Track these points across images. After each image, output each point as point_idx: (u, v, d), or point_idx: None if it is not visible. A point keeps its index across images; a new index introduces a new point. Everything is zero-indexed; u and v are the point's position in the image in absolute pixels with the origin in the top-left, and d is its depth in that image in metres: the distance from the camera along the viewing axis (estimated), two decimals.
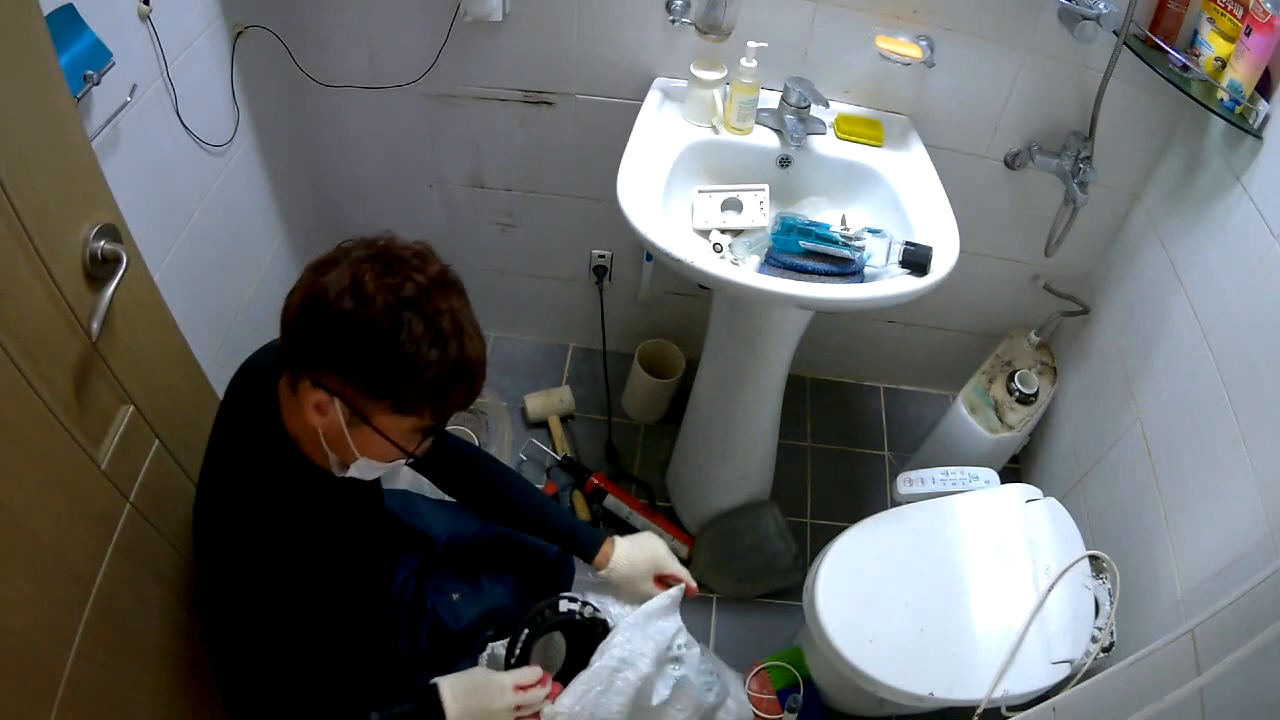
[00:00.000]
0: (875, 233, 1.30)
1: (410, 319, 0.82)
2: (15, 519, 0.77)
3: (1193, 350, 1.32)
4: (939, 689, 1.21)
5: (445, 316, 0.85)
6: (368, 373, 0.84)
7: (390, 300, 0.81)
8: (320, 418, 0.87)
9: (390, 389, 0.85)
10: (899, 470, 1.69)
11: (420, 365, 0.83)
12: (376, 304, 0.81)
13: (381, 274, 0.82)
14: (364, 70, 1.56)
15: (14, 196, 0.74)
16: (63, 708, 0.84)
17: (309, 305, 0.83)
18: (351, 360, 0.83)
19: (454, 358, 0.85)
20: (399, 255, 0.85)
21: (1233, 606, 0.84)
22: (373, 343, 0.82)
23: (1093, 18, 1.25)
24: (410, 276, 0.84)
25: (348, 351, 0.83)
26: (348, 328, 0.81)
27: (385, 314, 0.81)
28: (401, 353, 0.82)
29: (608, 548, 1.21)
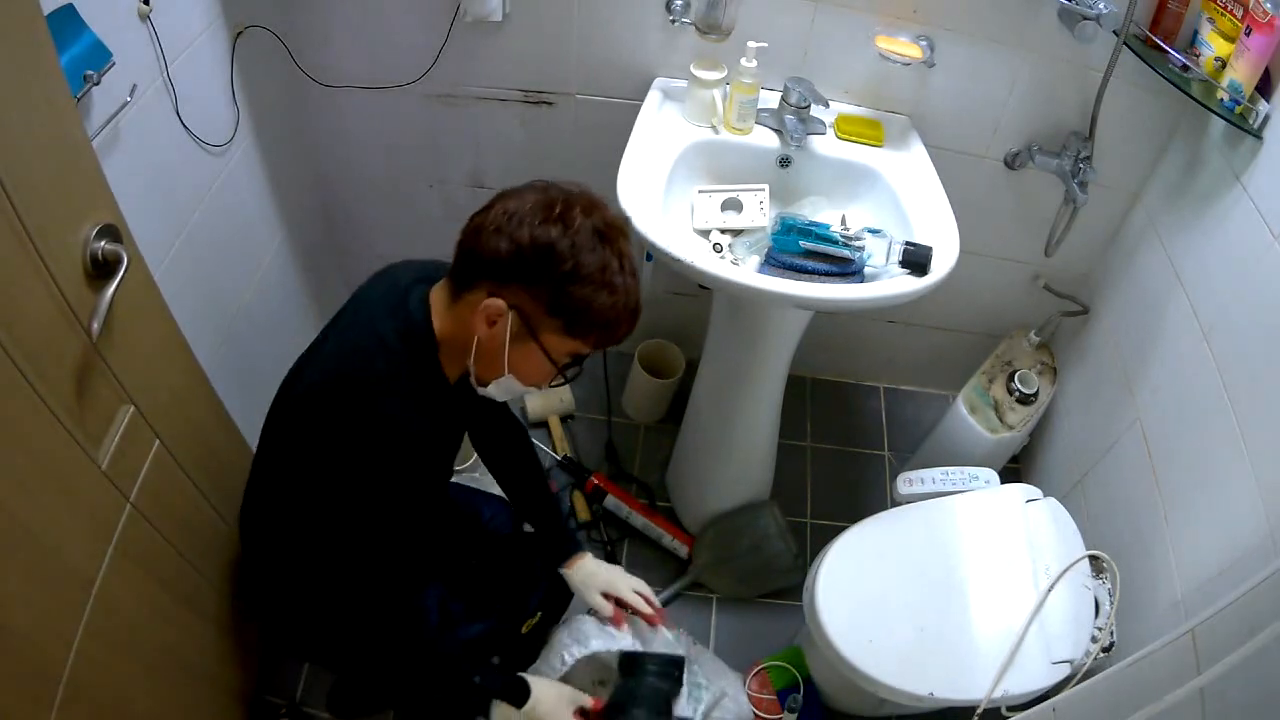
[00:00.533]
0: (875, 233, 1.30)
1: (606, 250, 0.91)
2: (15, 519, 0.77)
3: (1192, 350, 1.32)
4: (939, 689, 1.21)
5: (627, 258, 0.95)
6: (556, 290, 0.90)
7: (591, 230, 0.90)
8: (487, 328, 0.93)
9: (572, 309, 0.92)
10: (899, 470, 1.69)
11: (606, 292, 0.91)
12: (581, 231, 0.89)
13: (581, 207, 0.90)
14: (364, 70, 1.56)
15: (14, 196, 0.74)
16: (63, 708, 0.84)
17: (511, 220, 0.89)
18: (545, 276, 0.90)
19: (631, 294, 0.96)
20: (587, 197, 0.93)
21: (1233, 606, 0.84)
22: (572, 264, 0.89)
23: (1093, 18, 1.25)
24: (604, 215, 0.92)
25: (545, 267, 0.89)
26: (551, 245, 0.88)
27: (587, 240, 0.90)
28: (593, 278, 0.90)
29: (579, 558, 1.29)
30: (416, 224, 1.86)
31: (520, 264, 0.89)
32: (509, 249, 0.89)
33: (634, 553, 1.78)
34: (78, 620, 0.88)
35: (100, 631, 0.91)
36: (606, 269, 0.91)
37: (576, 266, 0.89)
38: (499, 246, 0.89)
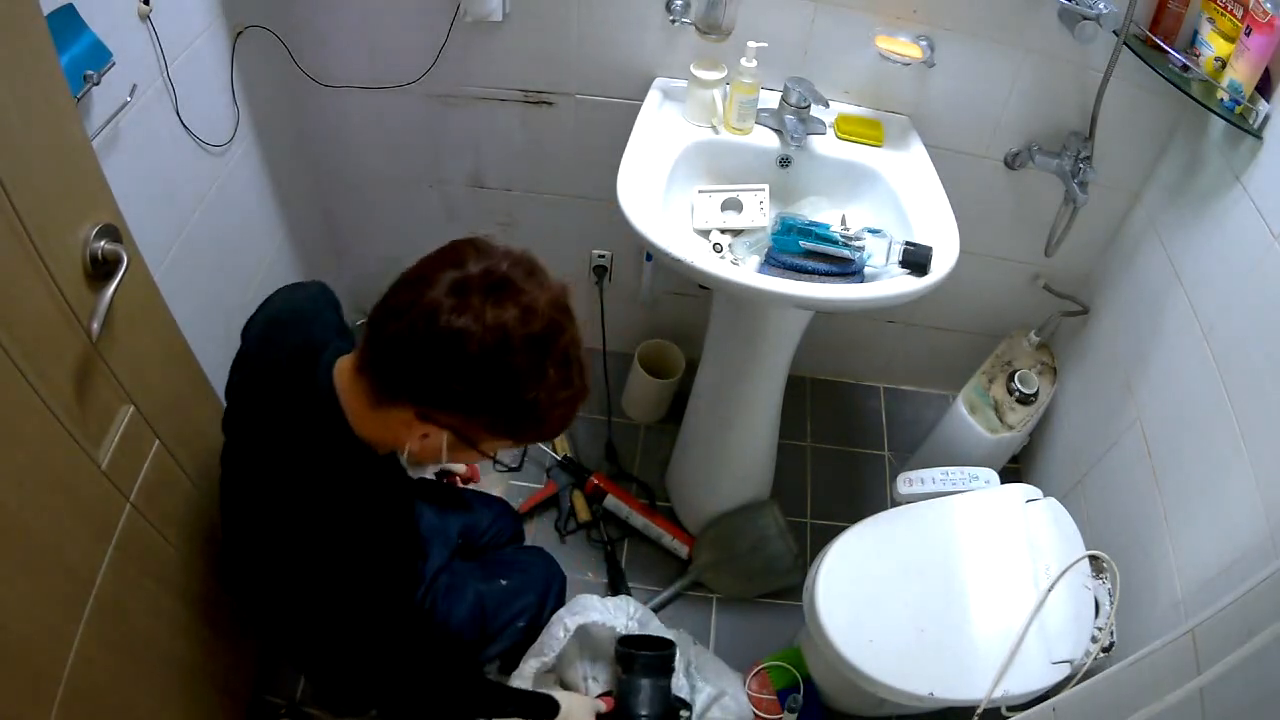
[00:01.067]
0: (875, 233, 1.30)
1: (549, 368, 0.81)
2: (15, 519, 0.77)
3: (1192, 350, 1.32)
4: (939, 689, 1.21)
5: (573, 352, 0.85)
6: (496, 416, 0.83)
7: (531, 346, 0.79)
8: (421, 442, 0.87)
9: (516, 429, 0.86)
10: (899, 470, 1.69)
11: (550, 409, 0.84)
12: (518, 354, 0.79)
13: (509, 309, 0.78)
14: (364, 70, 1.56)
15: (14, 196, 0.74)
16: (63, 708, 0.84)
17: (438, 340, 0.78)
18: (482, 405, 0.82)
19: (577, 394, 0.86)
20: (515, 279, 0.81)
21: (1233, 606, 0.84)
22: (511, 394, 0.81)
23: (1093, 18, 1.25)
24: (536, 310, 0.80)
25: (481, 398, 0.81)
26: (487, 376, 0.79)
27: (528, 364, 0.80)
28: (538, 401, 0.82)
29: None
30: (416, 224, 1.86)
31: (456, 399, 0.81)
32: (441, 383, 0.80)
33: (634, 553, 1.78)
34: (78, 620, 0.88)
35: (100, 631, 0.91)
36: (554, 386, 0.82)
37: (522, 396, 0.81)
38: (429, 376, 0.80)
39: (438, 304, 0.78)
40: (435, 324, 0.77)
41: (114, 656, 0.96)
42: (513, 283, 0.80)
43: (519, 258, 0.83)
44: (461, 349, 0.77)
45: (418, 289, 0.80)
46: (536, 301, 0.80)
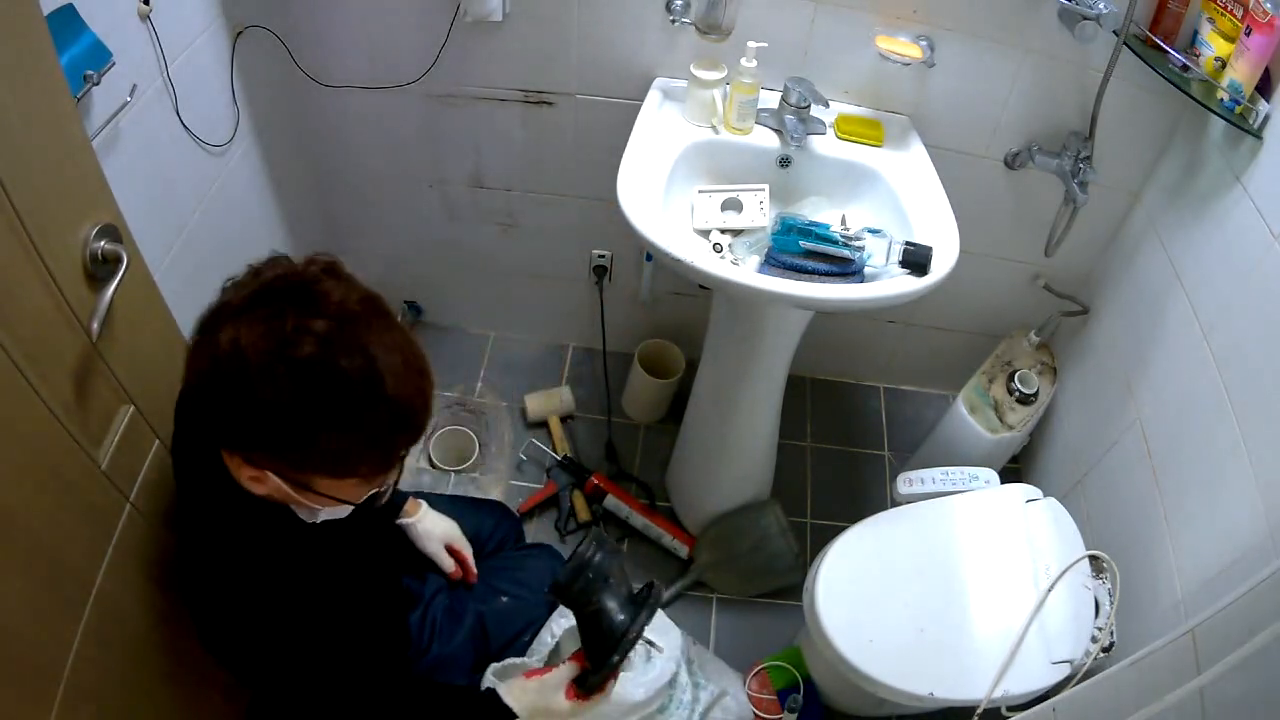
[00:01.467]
0: (875, 233, 1.30)
1: (322, 390, 0.72)
2: (15, 519, 0.77)
3: (1193, 350, 1.32)
4: (939, 689, 1.21)
5: (361, 368, 0.73)
6: (290, 453, 0.77)
7: (295, 371, 0.71)
8: (261, 487, 0.81)
9: (318, 464, 0.78)
10: (899, 470, 1.69)
11: (343, 434, 0.75)
12: (280, 382, 0.71)
13: (276, 334, 0.71)
14: (364, 70, 1.56)
15: (14, 196, 0.74)
16: (63, 708, 0.84)
17: (212, 382, 0.73)
18: (270, 442, 0.76)
19: (382, 413, 0.75)
20: (290, 295, 0.74)
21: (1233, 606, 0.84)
22: (288, 426, 0.73)
23: (1093, 18, 1.25)
24: (309, 328, 0.72)
25: (264, 435, 0.75)
26: (257, 412, 0.72)
27: (292, 392, 0.71)
28: (320, 430, 0.74)
29: (413, 506, 1.22)
30: (416, 224, 1.86)
31: (243, 431, 0.75)
32: (223, 416, 0.74)
33: (634, 553, 1.78)
34: (78, 620, 0.88)
35: (100, 631, 0.91)
36: (335, 408, 0.73)
37: (300, 427, 0.73)
38: (214, 412, 0.75)
39: (222, 352, 0.72)
40: (213, 363, 0.73)
41: (114, 656, 0.96)
42: (288, 300, 0.73)
43: (309, 270, 0.77)
44: (228, 384, 0.72)
45: (219, 327, 0.74)
46: (310, 318, 0.72)
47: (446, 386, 2.00)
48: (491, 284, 1.99)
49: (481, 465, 1.84)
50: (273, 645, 0.90)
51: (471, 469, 1.83)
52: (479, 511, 1.51)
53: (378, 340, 0.75)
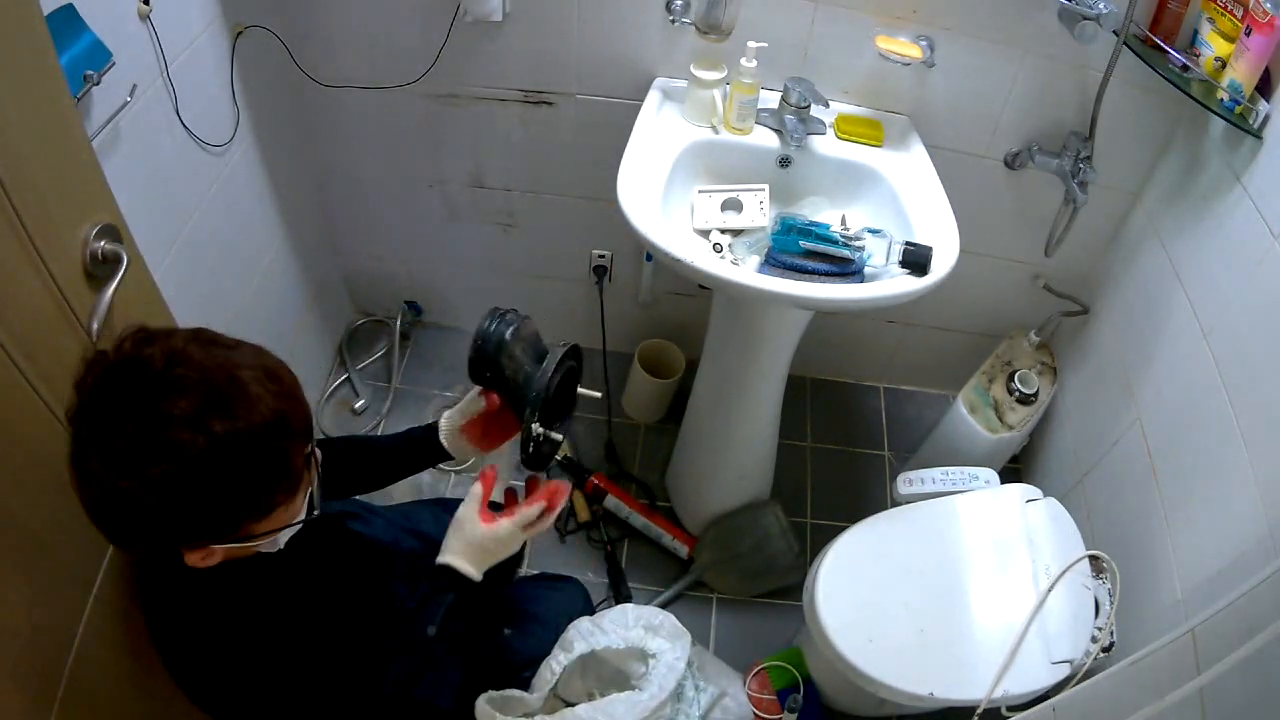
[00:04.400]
0: (875, 233, 1.30)
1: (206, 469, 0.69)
2: (15, 519, 0.77)
3: (1193, 350, 1.32)
4: (939, 689, 1.21)
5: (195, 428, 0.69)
6: (213, 530, 0.75)
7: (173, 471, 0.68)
8: (213, 559, 0.79)
9: (242, 518, 0.76)
10: (899, 470, 1.69)
11: (247, 488, 0.73)
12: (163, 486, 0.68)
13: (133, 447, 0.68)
14: (364, 70, 1.56)
15: (14, 196, 0.74)
16: (63, 708, 0.84)
17: (106, 515, 0.72)
18: (189, 533, 0.74)
19: (263, 449, 0.72)
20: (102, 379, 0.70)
21: (1233, 606, 0.84)
22: (192, 517, 0.72)
23: (1093, 18, 1.25)
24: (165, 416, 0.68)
25: (178, 532, 0.73)
26: (148, 510, 0.70)
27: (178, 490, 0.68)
28: (227, 498, 0.72)
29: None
30: (416, 224, 1.86)
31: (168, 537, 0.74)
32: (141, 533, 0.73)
33: (634, 553, 1.78)
34: (78, 620, 0.88)
35: (100, 631, 0.91)
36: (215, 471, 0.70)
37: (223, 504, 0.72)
38: (130, 532, 0.73)
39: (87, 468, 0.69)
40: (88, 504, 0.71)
41: (114, 656, 0.96)
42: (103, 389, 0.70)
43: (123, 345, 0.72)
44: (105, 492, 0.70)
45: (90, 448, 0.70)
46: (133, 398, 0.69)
47: (446, 386, 2.00)
48: (491, 284, 1.99)
49: (481, 465, 1.84)
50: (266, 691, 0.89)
51: (471, 470, 1.83)
52: None
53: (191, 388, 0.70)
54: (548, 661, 1.26)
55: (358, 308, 2.11)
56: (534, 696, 1.23)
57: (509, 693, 1.21)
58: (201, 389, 0.70)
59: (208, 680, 0.88)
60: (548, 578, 1.53)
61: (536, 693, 1.23)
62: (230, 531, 0.76)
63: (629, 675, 1.30)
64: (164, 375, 0.70)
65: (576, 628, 1.31)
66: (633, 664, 1.31)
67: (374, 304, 2.09)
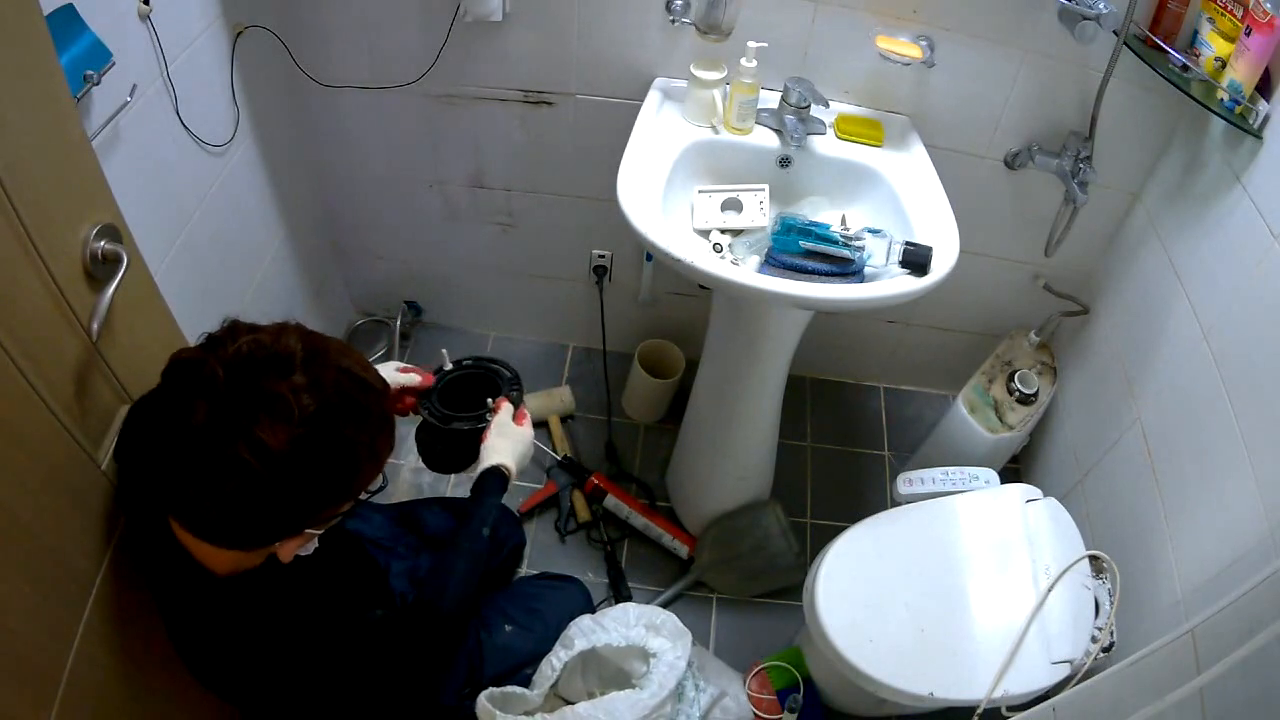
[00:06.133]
0: (875, 233, 1.30)
1: (345, 428, 0.76)
2: (15, 519, 0.77)
3: (1193, 350, 1.32)
4: (939, 689, 1.21)
5: (345, 385, 0.77)
6: (338, 491, 0.81)
7: (303, 444, 0.73)
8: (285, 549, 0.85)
9: (362, 479, 0.82)
10: (899, 470, 1.69)
11: (375, 444, 0.80)
12: (290, 461, 0.72)
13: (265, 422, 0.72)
14: (364, 70, 1.56)
15: (14, 196, 0.74)
16: (63, 708, 0.84)
17: (255, 489, 0.73)
18: (322, 497, 0.80)
19: (389, 433, 0.82)
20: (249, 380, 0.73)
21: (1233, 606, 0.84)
22: (335, 470, 0.77)
23: (1093, 18, 1.25)
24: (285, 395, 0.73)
25: (318, 494, 0.78)
26: (299, 481, 0.74)
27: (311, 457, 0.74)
28: (358, 457, 0.78)
29: None
30: (416, 224, 1.86)
31: (303, 512, 0.80)
32: (282, 511, 0.77)
33: (634, 553, 1.78)
34: (78, 620, 0.88)
35: (100, 631, 0.91)
36: (368, 433, 0.79)
37: (348, 467, 0.78)
38: (266, 515, 0.76)
39: (217, 457, 0.72)
40: (239, 475, 0.72)
41: (114, 656, 0.96)
42: (249, 391, 0.73)
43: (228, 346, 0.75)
44: (244, 498, 0.73)
45: (172, 468, 0.73)
46: (280, 386, 0.73)
47: None
48: (491, 284, 1.99)
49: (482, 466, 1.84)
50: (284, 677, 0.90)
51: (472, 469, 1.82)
52: None
53: (331, 362, 0.77)
54: (548, 659, 1.27)
55: (358, 308, 2.11)
56: (534, 694, 1.23)
57: (510, 690, 1.21)
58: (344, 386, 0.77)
59: (233, 672, 0.90)
60: (548, 577, 1.53)
61: (537, 690, 1.24)
62: (331, 517, 0.84)
63: (630, 674, 1.30)
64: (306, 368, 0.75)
65: (578, 625, 1.31)
66: (634, 663, 1.31)
67: (374, 304, 2.09)
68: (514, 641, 1.29)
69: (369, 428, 0.80)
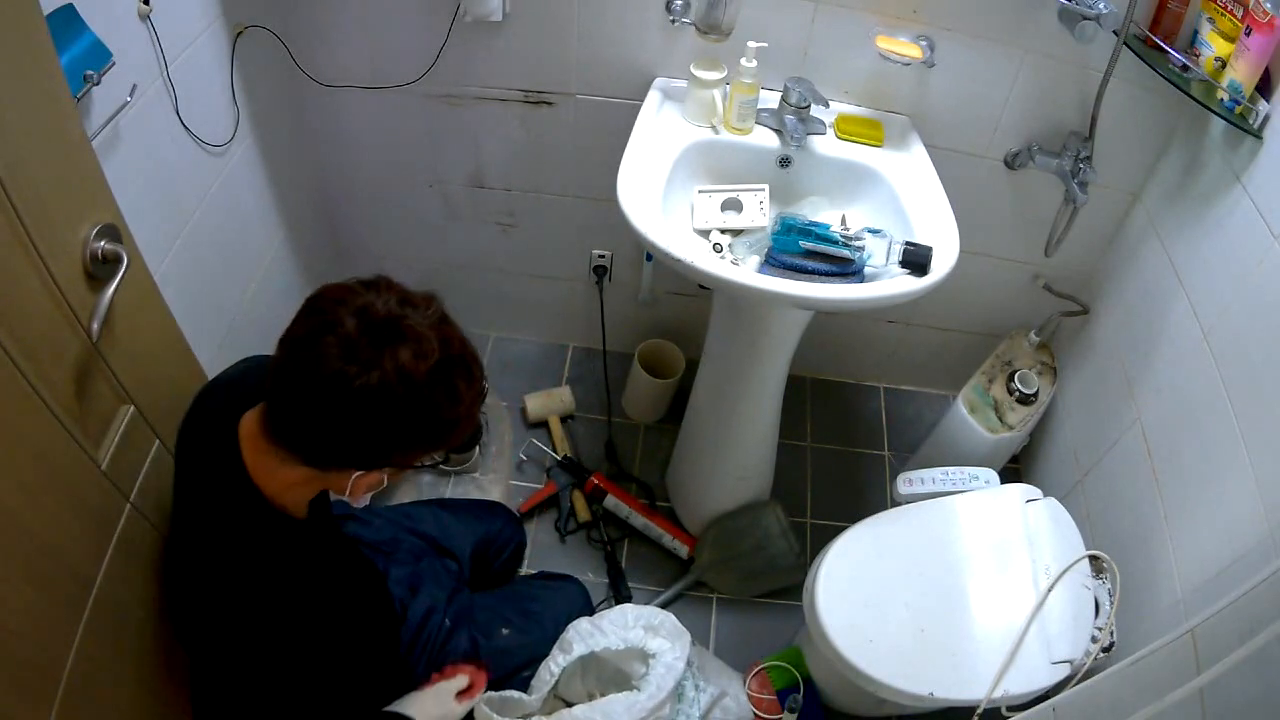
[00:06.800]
0: (875, 233, 1.30)
1: (457, 382, 0.84)
2: (15, 519, 0.77)
3: (1193, 350, 1.32)
4: (939, 689, 1.21)
5: (467, 356, 0.87)
6: (427, 439, 0.86)
7: (437, 372, 0.81)
8: (365, 485, 0.92)
9: (446, 440, 0.88)
10: (899, 470, 1.69)
11: (469, 411, 0.87)
12: (428, 385, 0.81)
13: (403, 349, 0.80)
14: (364, 70, 1.56)
15: (14, 196, 0.74)
16: (63, 708, 0.84)
17: (353, 408, 0.79)
18: (413, 438, 0.85)
19: (481, 388, 0.89)
20: (393, 314, 0.81)
21: (1233, 606, 0.84)
22: (436, 418, 0.84)
23: (1093, 18, 1.25)
24: (424, 335, 0.81)
25: (411, 433, 0.84)
26: (410, 414, 0.81)
27: (441, 390, 0.82)
28: (458, 415, 0.85)
29: None
30: (416, 224, 1.86)
31: (389, 444, 0.84)
32: (372, 438, 0.82)
33: (634, 553, 1.78)
34: (78, 620, 0.88)
35: (100, 631, 0.91)
36: (466, 396, 0.86)
37: (445, 420, 0.85)
38: (359, 437, 0.82)
39: (342, 375, 0.78)
40: (348, 393, 0.78)
41: (114, 656, 0.96)
42: (393, 319, 0.81)
43: (382, 285, 0.85)
44: (380, 405, 0.79)
45: (311, 367, 0.79)
46: (421, 326, 0.82)
47: None
48: (491, 284, 1.99)
49: (482, 465, 1.84)
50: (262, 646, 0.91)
51: (472, 469, 1.83)
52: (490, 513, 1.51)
53: (457, 333, 0.88)
54: (546, 663, 1.26)
55: None
56: (532, 698, 1.23)
57: (507, 694, 1.21)
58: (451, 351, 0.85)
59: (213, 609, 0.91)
60: (547, 577, 1.53)
61: (535, 694, 1.23)
62: (434, 446, 0.89)
63: (630, 675, 1.30)
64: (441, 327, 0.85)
65: (575, 629, 1.31)
66: (633, 664, 1.31)
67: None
68: (511, 644, 1.29)
69: (474, 391, 0.87)
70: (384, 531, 1.34)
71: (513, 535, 1.50)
